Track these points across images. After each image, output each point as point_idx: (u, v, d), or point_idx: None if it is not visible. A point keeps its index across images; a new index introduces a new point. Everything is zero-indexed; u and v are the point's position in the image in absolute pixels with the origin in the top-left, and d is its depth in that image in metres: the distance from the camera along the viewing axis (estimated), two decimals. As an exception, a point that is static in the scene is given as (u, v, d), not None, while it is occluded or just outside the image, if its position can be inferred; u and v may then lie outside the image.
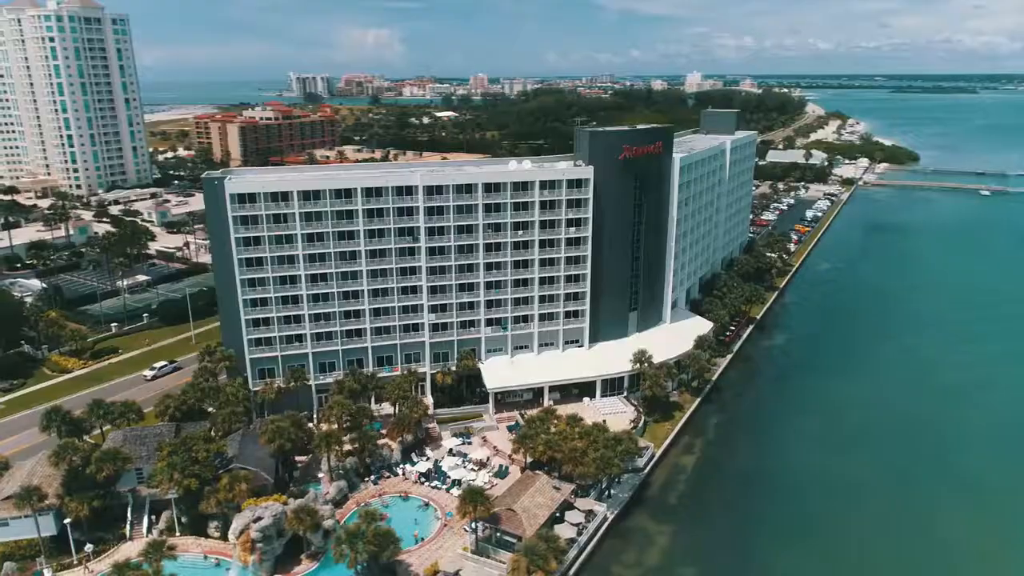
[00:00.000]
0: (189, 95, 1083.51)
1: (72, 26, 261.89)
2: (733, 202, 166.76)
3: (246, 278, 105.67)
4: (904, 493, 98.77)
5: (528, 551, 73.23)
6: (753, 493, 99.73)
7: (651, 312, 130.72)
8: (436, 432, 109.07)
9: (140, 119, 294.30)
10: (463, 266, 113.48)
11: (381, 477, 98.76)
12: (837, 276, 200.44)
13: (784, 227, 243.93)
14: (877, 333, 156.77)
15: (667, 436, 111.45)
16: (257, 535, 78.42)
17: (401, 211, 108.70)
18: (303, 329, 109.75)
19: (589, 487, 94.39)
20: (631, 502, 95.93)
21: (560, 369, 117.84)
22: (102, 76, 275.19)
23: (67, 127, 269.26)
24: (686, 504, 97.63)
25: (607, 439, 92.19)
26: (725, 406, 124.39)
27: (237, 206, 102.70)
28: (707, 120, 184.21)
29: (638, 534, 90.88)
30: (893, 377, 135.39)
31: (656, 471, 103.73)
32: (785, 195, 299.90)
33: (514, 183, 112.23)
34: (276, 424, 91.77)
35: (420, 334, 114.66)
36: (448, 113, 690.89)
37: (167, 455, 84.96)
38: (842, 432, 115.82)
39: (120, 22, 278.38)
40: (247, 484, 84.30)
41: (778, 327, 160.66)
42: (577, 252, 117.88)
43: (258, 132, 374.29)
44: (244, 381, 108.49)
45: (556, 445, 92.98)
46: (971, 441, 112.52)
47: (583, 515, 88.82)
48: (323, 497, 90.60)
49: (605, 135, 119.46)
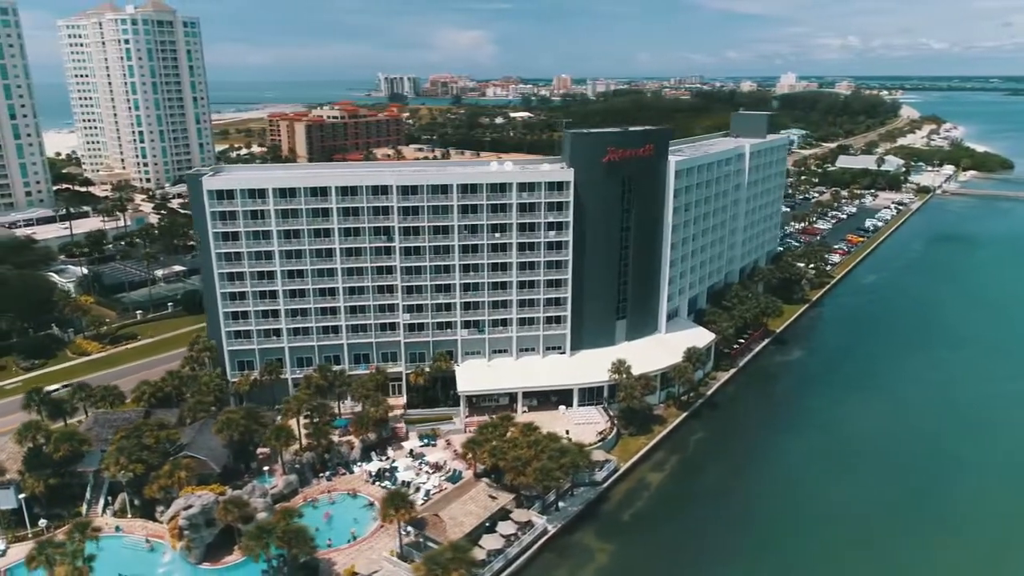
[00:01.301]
0: (286, 94, 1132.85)
1: (145, 28, 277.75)
2: (756, 208, 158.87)
3: (224, 272, 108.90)
4: (888, 528, 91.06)
5: (429, 560, 71.92)
6: (716, 516, 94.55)
7: (643, 321, 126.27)
8: (403, 432, 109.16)
9: (207, 117, 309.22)
10: (439, 267, 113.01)
11: (336, 474, 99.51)
12: (881, 289, 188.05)
13: (837, 236, 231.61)
14: (907, 351, 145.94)
15: (639, 450, 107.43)
16: (184, 523, 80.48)
17: (376, 210, 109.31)
18: (280, 324, 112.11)
19: (535, 498, 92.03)
20: (580, 516, 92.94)
21: (536, 375, 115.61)
22: (172, 76, 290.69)
23: (138, 124, 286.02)
24: (639, 523, 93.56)
25: (553, 450, 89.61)
26: (714, 422, 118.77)
27: (215, 202, 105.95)
28: (736, 122, 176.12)
29: (578, 550, 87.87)
30: (912, 399, 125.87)
31: (617, 486, 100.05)
32: (848, 203, 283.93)
33: (491, 185, 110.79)
34: (227, 416, 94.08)
35: (396, 333, 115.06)
36: (523, 114, 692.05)
37: (118, 439, 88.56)
38: (836, 456, 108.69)
39: (191, 24, 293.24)
40: (187, 472, 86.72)
41: (798, 341, 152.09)
42: (558, 256, 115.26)
43: (324, 130, 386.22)
44: (222, 372, 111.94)
45: (501, 453, 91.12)
46: (980, 476, 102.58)
47: (517, 526, 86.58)
48: (269, 490, 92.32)
49: (588, 136, 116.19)
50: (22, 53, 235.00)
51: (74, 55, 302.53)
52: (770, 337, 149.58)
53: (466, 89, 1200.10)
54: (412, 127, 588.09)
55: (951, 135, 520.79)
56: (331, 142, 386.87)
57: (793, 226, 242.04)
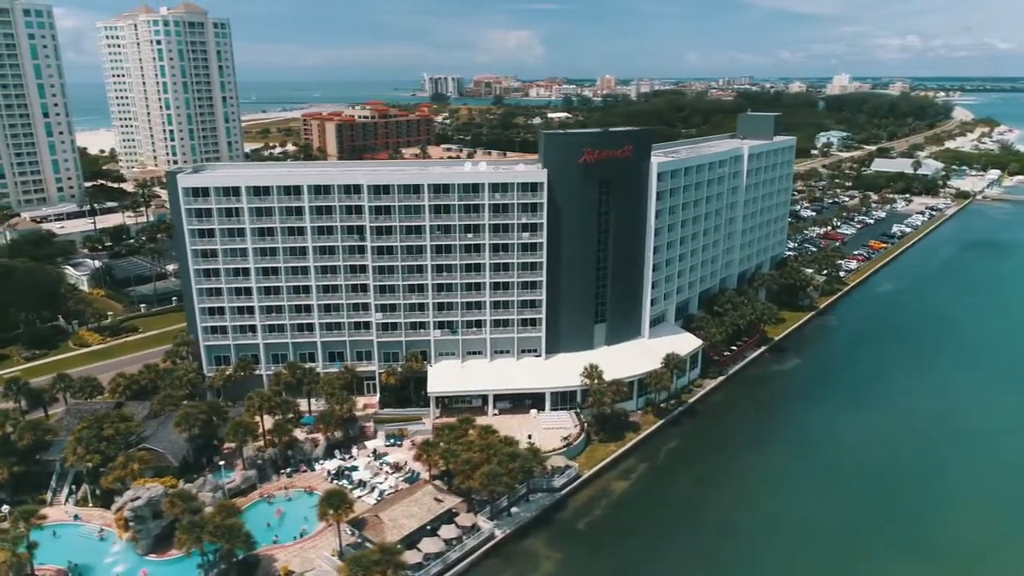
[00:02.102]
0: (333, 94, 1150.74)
1: (177, 30, 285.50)
2: (757, 212, 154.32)
3: (200, 268, 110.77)
4: (858, 551, 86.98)
5: (352, 561, 71.62)
6: (675, 528, 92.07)
7: (625, 325, 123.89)
8: (371, 431, 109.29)
9: (236, 115, 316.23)
10: (411, 267, 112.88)
11: (297, 471, 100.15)
12: (896, 298, 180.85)
13: (860, 242, 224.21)
14: (911, 366, 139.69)
15: (606, 457, 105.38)
16: (129, 514, 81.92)
17: (348, 209, 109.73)
18: (255, 320, 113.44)
19: (486, 503, 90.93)
20: (533, 523, 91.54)
21: (508, 378, 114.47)
22: (202, 76, 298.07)
23: (169, 122, 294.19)
24: (593, 532, 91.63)
25: (503, 455, 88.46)
26: (691, 431, 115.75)
27: (190, 199, 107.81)
28: (743, 123, 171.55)
29: (524, 557, 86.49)
30: (907, 418, 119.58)
31: (578, 493, 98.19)
32: (879, 207, 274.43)
33: (463, 185, 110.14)
34: (186, 410, 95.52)
35: (369, 332, 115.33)
36: (561, 114, 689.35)
37: (79, 430, 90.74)
38: (815, 472, 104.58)
39: (221, 26, 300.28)
40: (141, 464, 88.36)
41: (797, 350, 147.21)
42: (532, 258, 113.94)
43: (354, 130, 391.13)
44: (199, 367, 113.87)
45: (452, 456, 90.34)
46: (962, 503, 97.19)
47: (460, 530, 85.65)
48: (226, 485, 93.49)
49: (562, 137, 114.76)
50: (56, 54, 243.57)
51: (112, 55, 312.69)
52: (767, 345, 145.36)
53: (509, 90, 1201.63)
54: (448, 127, 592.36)
55: (1004, 138, 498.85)
56: (361, 141, 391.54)
57: (815, 231, 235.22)
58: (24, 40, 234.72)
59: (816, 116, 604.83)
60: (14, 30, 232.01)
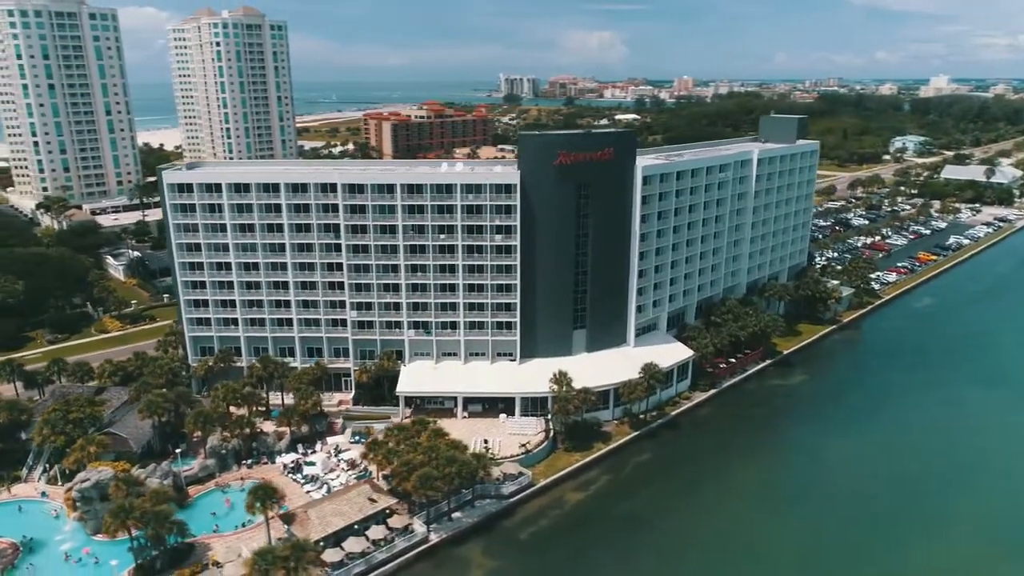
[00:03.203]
0: (410, 94, 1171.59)
1: (235, 32, 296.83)
2: (770, 219, 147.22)
3: (184, 262, 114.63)
4: None
5: (258, 555, 72.37)
6: (623, 545, 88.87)
7: (607, 332, 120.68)
8: (338, 427, 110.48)
9: (290, 114, 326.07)
10: (386, 266, 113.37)
11: (258, 462, 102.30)
12: (934, 316, 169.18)
13: (909, 253, 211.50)
14: (929, 390, 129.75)
15: (568, 467, 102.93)
16: (76, 495, 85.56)
17: (324, 208, 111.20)
18: (236, 314, 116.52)
19: (428, 505, 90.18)
20: (473, 529, 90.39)
21: (478, 381, 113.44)
22: (259, 76, 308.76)
23: (226, 121, 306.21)
24: (535, 543, 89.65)
25: (442, 458, 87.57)
26: (667, 445, 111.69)
27: (175, 195, 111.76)
28: (765, 126, 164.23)
29: (457, 564, 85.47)
30: (906, 444, 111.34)
31: (530, 502, 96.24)
32: (940, 217, 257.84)
33: (436, 185, 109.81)
34: (150, 398, 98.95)
35: (345, 330, 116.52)
36: (629, 116, 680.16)
37: (48, 412, 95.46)
38: (794, 497, 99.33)
39: (278, 28, 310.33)
40: (99, 447, 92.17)
41: (806, 365, 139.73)
42: (506, 260, 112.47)
43: (409, 129, 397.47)
44: (184, 356, 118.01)
45: (393, 457, 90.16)
46: (937, 536, 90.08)
47: (389, 531, 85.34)
48: (185, 473, 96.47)
49: (537, 138, 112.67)
50: (119, 55, 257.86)
51: (178, 57, 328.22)
52: (774, 359, 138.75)
53: (584, 91, 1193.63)
54: (512, 128, 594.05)
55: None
56: (416, 141, 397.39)
57: (861, 240, 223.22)
58: (89, 42, 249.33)
59: (898, 120, 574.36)
60: (81, 32, 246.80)
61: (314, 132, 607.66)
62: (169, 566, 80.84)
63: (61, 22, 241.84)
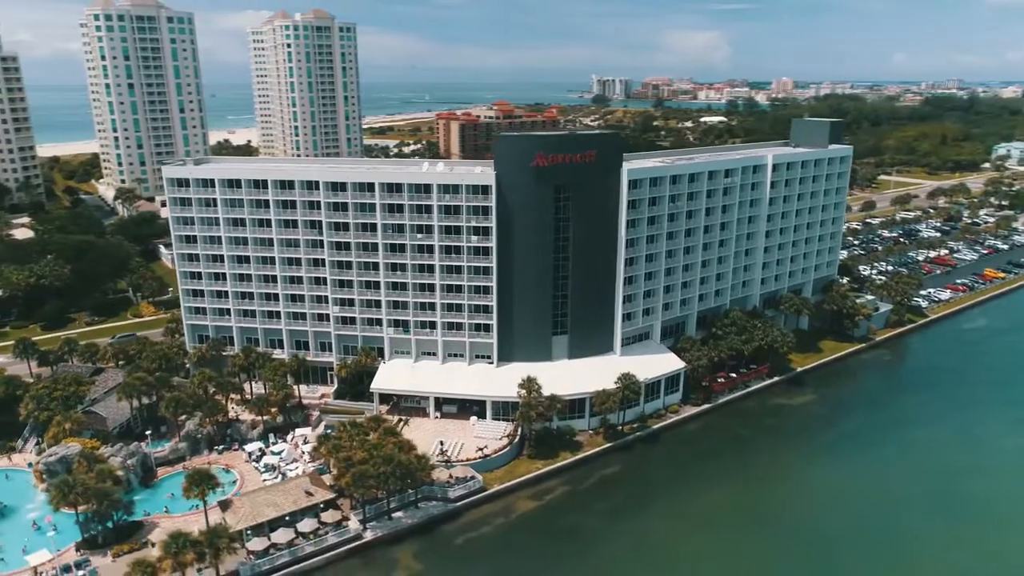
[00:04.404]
0: (505, 95, 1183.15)
1: (305, 34, 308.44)
2: (789, 228, 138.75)
3: (182, 253, 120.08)
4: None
5: (172, 537, 74.76)
6: (556, 559, 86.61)
7: (591, 340, 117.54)
8: (313, 420, 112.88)
9: (357, 113, 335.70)
10: (366, 264, 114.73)
11: (229, 448, 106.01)
12: (984, 339, 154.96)
13: (976, 269, 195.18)
14: (949, 421, 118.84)
15: (526, 474, 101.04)
16: (43, 467, 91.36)
17: (309, 204, 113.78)
18: (228, 304, 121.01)
19: (370, 503, 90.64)
20: (411, 530, 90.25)
21: (452, 382, 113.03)
22: (327, 77, 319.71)
23: (295, 119, 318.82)
24: (471, 550, 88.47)
25: (379, 457, 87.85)
26: (639, 459, 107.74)
27: (174, 189, 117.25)
28: (797, 130, 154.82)
29: (385, 563, 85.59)
30: (902, 478, 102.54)
31: (478, 508, 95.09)
32: None
33: (413, 185, 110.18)
34: (128, 381, 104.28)
35: (329, 324, 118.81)
36: (716, 118, 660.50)
37: (36, 390, 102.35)
38: (763, 527, 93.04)
39: (347, 30, 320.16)
40: (75, 425, 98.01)
41: (819, 385, 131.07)
42: (483, 262, 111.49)
43: (477, 129, 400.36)
44: (183, 343, 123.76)
45: (336, 452, 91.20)
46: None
47: (319, 525, 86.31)
48: (155, 454, 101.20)
49: (514, 140, 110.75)
50: (193, 56, 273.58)
51: (256, 58, 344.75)
52: (786, 375, 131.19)
53: (678, 92, 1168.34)
54: (591, 129, 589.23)
55: None
56: (483, 141, 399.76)
57: (923, 253, 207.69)
58: (167, 44, 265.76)
59: (1008, 125, 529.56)
60: (159, 35, 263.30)
61: (397, 131, 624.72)
62: (114, 541, 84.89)
63: (141, 25, 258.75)
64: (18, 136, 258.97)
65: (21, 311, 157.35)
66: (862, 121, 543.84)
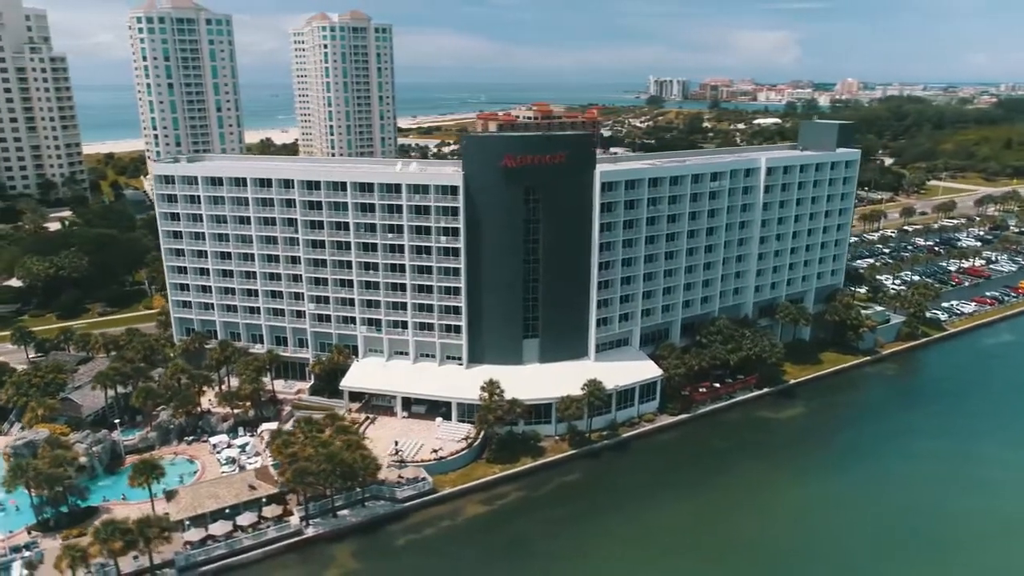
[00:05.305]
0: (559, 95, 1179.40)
1: (342, 35, 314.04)
2: (787, 235, 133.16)
3: (169, 248, 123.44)
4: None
5: (102, 525, 76.61)
6: (495, 569, 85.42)
7: (563, 344, 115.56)
8: (284, 415, 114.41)
9: (391, 113, 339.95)
10: (340, 262, 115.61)
11: (199, 440, 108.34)
12: (1006, 355, 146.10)
13: (1013, 280, 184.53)
14: (945, 439, 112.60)
15: (482, 478, 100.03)
16: (10, 451, 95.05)
17: (286, 203, 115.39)
18: (212, 299, 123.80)
19: (316, 499, 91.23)
20: (353, 529, 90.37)
21: (419, 382, 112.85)
22: (362, 78, 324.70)
23: (330, 118, 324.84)
24: (409, 551, 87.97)
25: (321, 455, 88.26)
26: (603, 469, 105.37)
27: (161, 185, 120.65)
28: (805, 132, 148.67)
29: (321, 560, 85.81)
30: (881, 503, 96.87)
31: (427, 509, 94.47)
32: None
33: (383, 185, 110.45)
34: (100, 371, 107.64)
35: (305, 321, 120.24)
36: (769, 120, 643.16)
37: (17, 376, 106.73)
38: (702, 541, 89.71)
39: (383, 31, 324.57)
40: (48, 411, 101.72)
41: (812, 398, 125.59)
42: (452, 263, 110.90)
43: (515, 129, 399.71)
44: (170, 335, 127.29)
45: (284, 448, 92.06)
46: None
47: (258, 519, 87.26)
48: (125, 442, 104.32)
49: (481, 140, 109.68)
50: (231, 57, 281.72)
51: (297, 59, 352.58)
52: (777, 387, 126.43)
53: (737, 93, 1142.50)
54: (639, 130, 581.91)
55: None
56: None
57: (956, 263, 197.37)
58: (205, 45, 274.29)
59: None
60: (197, 36, 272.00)
61: (444, 131, 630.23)
62: (67, 525, 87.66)
63: (181, 27, 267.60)
64: (64, 133, 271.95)
65: (40, 300, 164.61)
66: (923, 124, 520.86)
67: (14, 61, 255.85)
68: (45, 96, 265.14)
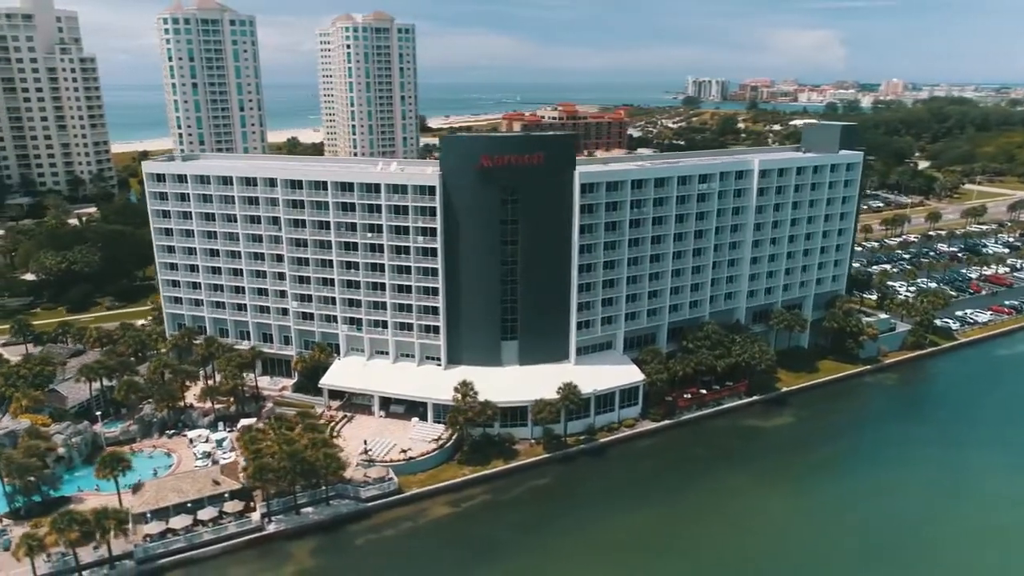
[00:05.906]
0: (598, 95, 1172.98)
1: (364, 35, 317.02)
2: (782, 239, 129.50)
3: (160, 244, 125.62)
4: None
5: (60, 515, 77.97)
6: (448, 569, 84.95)
7: (543, 346, 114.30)
8: (265, 411, 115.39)
9: (413, 113, 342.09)
10: (322, 261, 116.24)
11: (179, 433, 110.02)
12: (1019, 367, 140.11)
13: None
14: (937, 455, 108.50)
15: (450, 479, 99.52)
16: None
17: (270, 201, 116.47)
18: (201, 295, 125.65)
19: (281, 495, 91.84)
20: (315, 527, 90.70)
21: (396, 382, 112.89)
22: (384, 77, 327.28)
23: (352, 118, 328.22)
24: (368, 551, 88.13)
25: (284, 453, 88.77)
26: (576, 474, 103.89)
27: (153, 183, 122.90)
28: (808, 134, 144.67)
29: (279, 556, 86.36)
30: (859, 520, 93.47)
31: (392, 510, 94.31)
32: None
33: (363, 184, 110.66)
34: (85, 364, 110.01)
35: (288, 319, 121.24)
36: (806, 121, 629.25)
37: (7, 368, 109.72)
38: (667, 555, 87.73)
39: (405, 31, 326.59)
40: (32, 402, 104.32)
41: (804, 407, 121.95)
42: (429, 263, 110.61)
43: (540, 128, 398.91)
44: (162, 331, 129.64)
45: (249, 445, 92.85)
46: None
47: (218, 514, 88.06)
48: (107, 434, 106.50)
49: (458, 140, 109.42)
50: (254, 58, 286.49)
51: (323, 59, 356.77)
52: (767, 395, 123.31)
53: (778, 94, 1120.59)
54: (670, 131, 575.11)
55: None
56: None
57: (976, 271, 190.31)
58: (228, 46, 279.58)
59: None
60: (221, 37, 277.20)
61: (475, 131, 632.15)
62: (38, 514, 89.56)
63: (206, 28, 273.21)
64: (93, 132, 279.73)
65: (52, 293, 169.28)
66: (966, 125, 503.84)
67: (45, 62, 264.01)
68: (75, 95, 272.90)
